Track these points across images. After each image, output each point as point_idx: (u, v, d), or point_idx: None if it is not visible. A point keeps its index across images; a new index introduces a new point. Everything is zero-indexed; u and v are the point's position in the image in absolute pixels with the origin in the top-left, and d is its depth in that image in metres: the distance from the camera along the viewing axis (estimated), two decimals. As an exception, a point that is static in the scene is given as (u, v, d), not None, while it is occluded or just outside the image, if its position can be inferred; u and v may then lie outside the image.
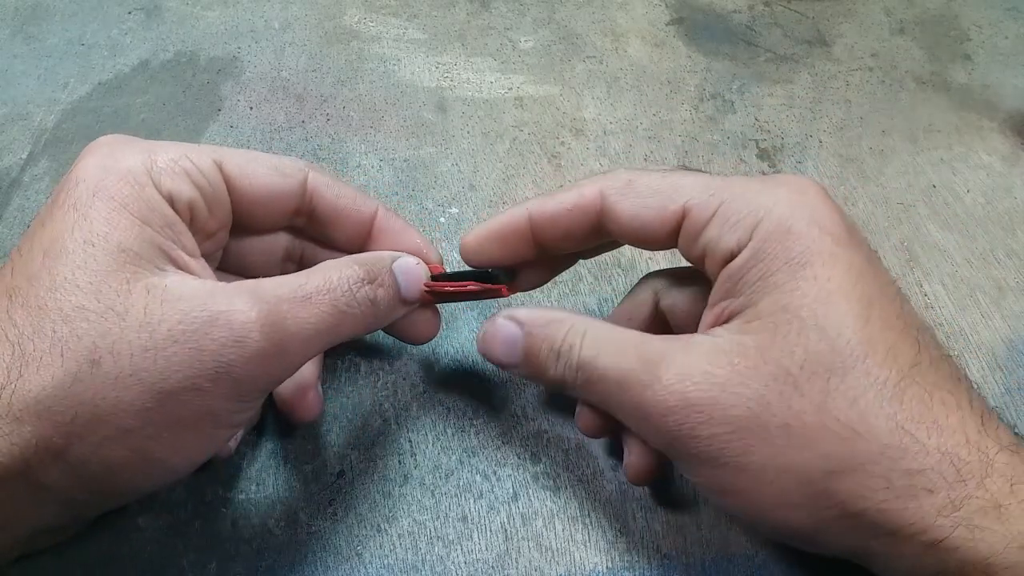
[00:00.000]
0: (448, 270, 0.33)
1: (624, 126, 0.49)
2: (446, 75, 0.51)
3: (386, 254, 0.31)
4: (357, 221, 0.32)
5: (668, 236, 0.27)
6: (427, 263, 0.32)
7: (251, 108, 0.48)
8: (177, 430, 0.25)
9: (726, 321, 0.26)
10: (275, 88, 0.50)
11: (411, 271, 0.30)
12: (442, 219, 0.43)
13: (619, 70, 0.52)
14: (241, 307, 0.24)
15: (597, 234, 0.29)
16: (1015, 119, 0.50)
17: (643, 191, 0.27)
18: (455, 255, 0.41)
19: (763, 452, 0.24)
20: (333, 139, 0.47)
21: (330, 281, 0.27)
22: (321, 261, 0.32)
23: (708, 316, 0.27)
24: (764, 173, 0.46)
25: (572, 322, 0.29)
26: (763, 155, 0.48)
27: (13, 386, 0.23)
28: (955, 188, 0.46)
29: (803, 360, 0.24)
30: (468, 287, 0.31)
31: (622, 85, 0.51)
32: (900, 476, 0.23)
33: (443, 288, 0.31)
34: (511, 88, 0.51)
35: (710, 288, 0.28)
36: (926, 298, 0.41)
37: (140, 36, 0.53)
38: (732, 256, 0.26)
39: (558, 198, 0.29)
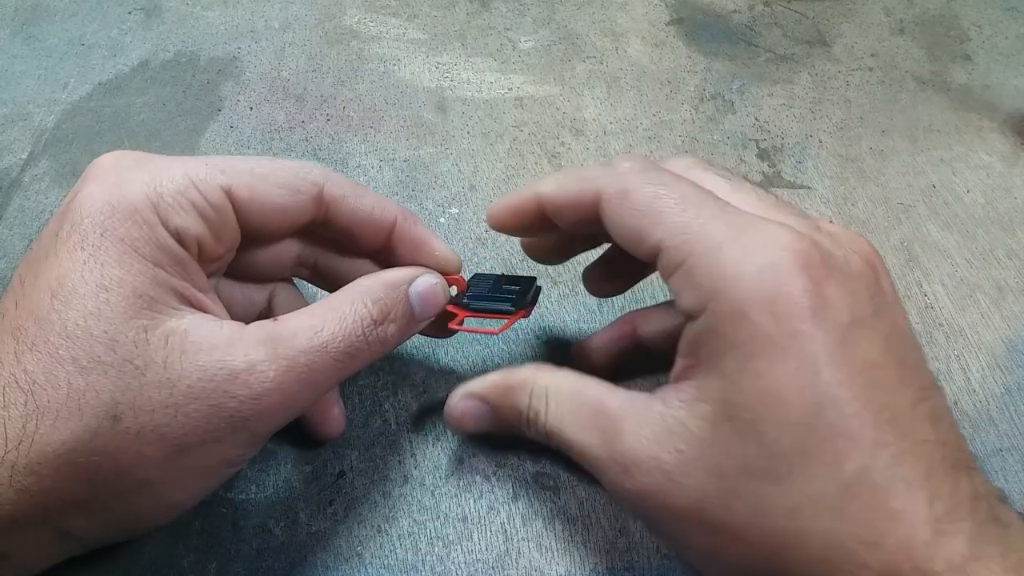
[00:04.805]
0: (464, 275, 0.33)
1: (624, 126, 0.49)
2: (446, 75, 0.51)
3: (402, 276, 0.30)
4: (375, 231, 0.31)
5: (649, 260, 0.26)
6: (447, 274, 0.31)
7: (251, 108, 0.48)
8: (193, 476, 0.25)
9: (689, 377, 0.25)
10: (275, 88, 0.50)
11: (427, 294, 0.30)
12: (442, 219, 0.43)
13: (619, 70, 0.52)
14: (260, 365, 0.24)
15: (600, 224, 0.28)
16: (1015, 119, 0.50)
17: (632, 208, 0.26)
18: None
19: (704, 542, 0.24)
20: (333, 139, 0.47)
21: (345, 324, 0.27)
22: (336, 268, 0.32)
23: (678, 364, 0.26)
24: (764, 174, 0.46)
25: (532, 385, 0.29)
26: (763, 155, 0.48)
27: (31, 439, 0.22)
28: (955, 188, 0.46)
29: (741, 464, 0.23)
30: (491, 313, 0.31)
31: (622, 85, 0.51)
32: None
33: (465, 312, 0.31)
34: (511, 88, 0.51)
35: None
36: (926, 298, 0.41)
37: (140, 36, 0.53)
38: (692, 316, 0.25)
39: (566, 187, 0.28)
